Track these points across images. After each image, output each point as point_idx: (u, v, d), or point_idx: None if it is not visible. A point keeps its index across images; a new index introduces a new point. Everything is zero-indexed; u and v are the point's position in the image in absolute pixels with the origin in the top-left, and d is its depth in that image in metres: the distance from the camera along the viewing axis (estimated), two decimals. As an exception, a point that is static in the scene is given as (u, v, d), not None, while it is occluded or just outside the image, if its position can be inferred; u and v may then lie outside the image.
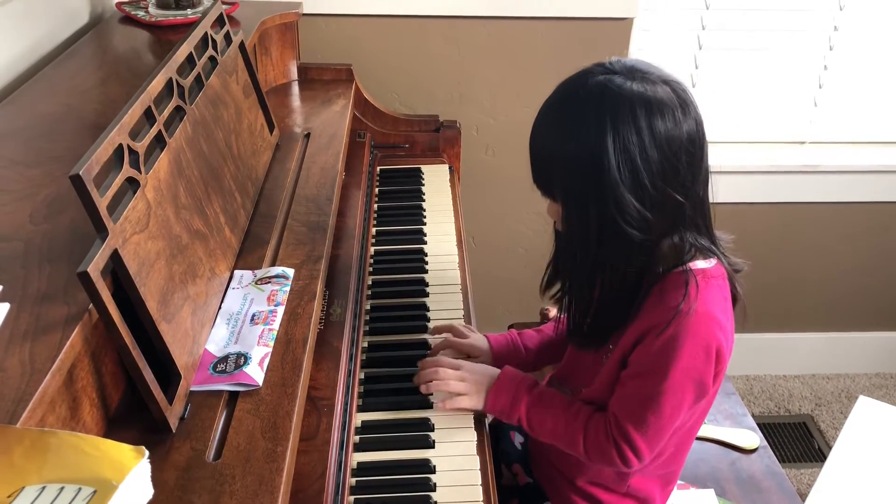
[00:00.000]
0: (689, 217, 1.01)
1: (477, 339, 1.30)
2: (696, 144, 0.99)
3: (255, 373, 0.93)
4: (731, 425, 1.53)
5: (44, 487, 0.58)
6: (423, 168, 1.86)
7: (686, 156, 0.97)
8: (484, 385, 1.16)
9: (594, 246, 1.00)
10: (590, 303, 1.08)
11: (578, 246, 1.02)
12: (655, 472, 1.19)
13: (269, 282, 1.08)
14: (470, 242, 2.27)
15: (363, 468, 1.08)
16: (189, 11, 1.69)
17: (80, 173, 0.76)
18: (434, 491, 1.06)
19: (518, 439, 1.37)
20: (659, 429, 1.04)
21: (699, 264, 1.03)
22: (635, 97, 0.95)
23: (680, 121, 0.96)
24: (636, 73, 0.98)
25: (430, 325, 1.36)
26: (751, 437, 1.49)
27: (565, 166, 0.98)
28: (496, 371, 1.18)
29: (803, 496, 1.57)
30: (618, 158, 0.94)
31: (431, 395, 1.20)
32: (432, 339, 1.32)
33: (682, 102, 0.98)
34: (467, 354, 1.28)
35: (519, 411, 1.13)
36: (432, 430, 1.15)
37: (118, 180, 0.85)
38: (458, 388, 1.16)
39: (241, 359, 0.94)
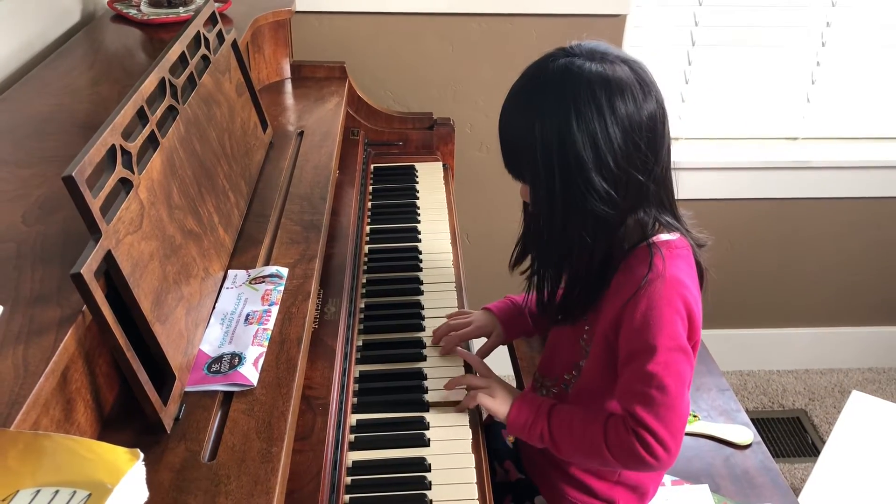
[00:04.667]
0: (652, 194, 1.04)
1: (478, 318, 1.33)
2: (656, 122, 1.01)
3: (250, 373, 0.93)
4: (724, 421, 1.53)
5: (38, 491, 0.58)
6: (417, 166, 1.86)
7: (648, 133, 1.00)
8: (508, 397, 1.17)
9: (560, 224, 1.03)
10: (558, 279, 1.12)
11: (546, 225, 1.05)
12: None
13: (263, 281, 1.08)
14: (464, 240, 2.27)
15: (358, 467, 1.09)
16: (181, 9, 1.68)
17: (73, 174, 0.76)
18: (429, 489, 1.06)
19: (509, 437, 1.38)
20: (669, 406, 1.02)
21: (663, 237, 1.06)
22: (594, 77, 0.98)
23: (640, 100, 0.99)
24: (596, 54, 1.01)
25: (425, 322, 1.36)
26: (744, 433, 1.50)
27: (532, 148, 1.00)
28: (517, 390, 1.20)
29: (797, 491, 1.59)
30: (582, 139, 0.97)
31: (426, 393, 1.20)
32: (427, 338, 1.32)
33: (641, 81, 1.00)
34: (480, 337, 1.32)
35: (541, 424, 1.12)
36: (427, 428, 1.15)
37: (111, 181, 0.85)
38: (483, 391, 1.17)
39: (236, 359, 0.94)
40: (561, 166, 0.99)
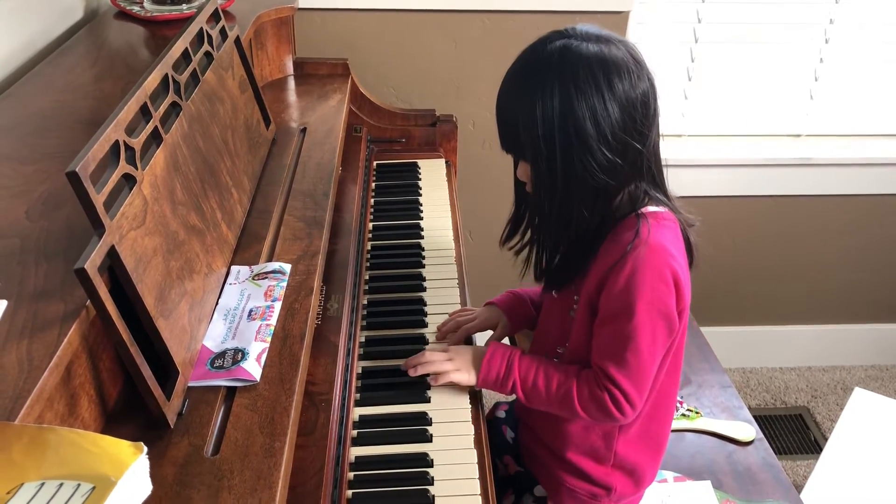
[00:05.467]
0: (646, 167, 1.08)
1: (483, 312, 1.36)
2: (649, 98, 1.05)
3: (253, 368, 0.93)
4: (727, 418, 1.53)
5: (42, 484, 0.59)
6: (420, 162, 1.86)
7: (642, 108, 1.04)
8: (472, 360, 1.19)
9: (562, 198, 1.07)
10: (556, 251, 1.16)
11: (548, 200, 1.08)
12: (641, 437, 1.21)
13: (266, 277, 1.08)
14: (467, 236, 2.27)
15: (361, 462, 1.09)
16: (184, 6, 1.68)
17: (77, 170, 0.76)
18: (432, 484, 1.06)
19: (509, 434, 1.39)
20: (640, 368, 1.08)
21: (650, 209, 1.10)
22: (592, 57, 1.02)
23: (634, 78, 1.04)
24: (591, 35, 1.05)
25: (428, 319, 1.36)
26: (747, 430, 1.50)
27: (534, 126, 1.03)
28: (483, 348, 1.22)
29: (799, 488, 1.58)
30: (582, 114, 1.01)
31: (429, 389, 1.21)
32: (429, 334, 1.33)
33: (636, 61, 1.05)
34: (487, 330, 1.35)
35: (514, 376, 1.16)
36: (430, 424, 1.15)
37: (114, 177, 0.85)
38: (447, 367, 1.19)
39: (239, 354, 0.94)
40: (562, 141, 1.02)
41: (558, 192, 1.06)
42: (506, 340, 1.41)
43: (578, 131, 1.01)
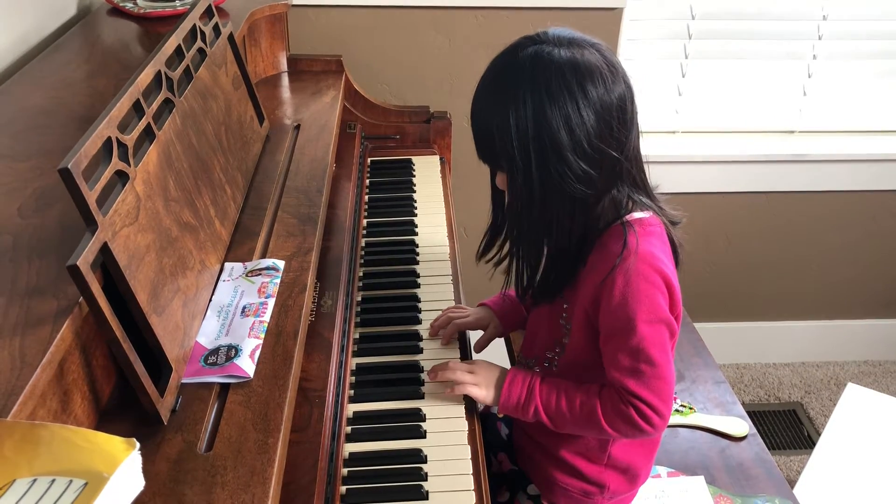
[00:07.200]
0: (626, 172, 1.07)
1: (476, 311, 1.36)
2: (626, 102, 1.04)
3: (246, 365, 0.93)
4: (720, 413, 1.54)
5: (35, 480, 0.59)
6: (414, 159, 1.86)
7: (618, 113, 1.02)
8: (494, 380, 1.18)
9: (539, 208, 1.05)
10: (538, 262, 1.14)
11: (526, 210, 1.07)
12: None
13: (260, 274, 1.08)
14: (461, 233, 2.27)
15: (355, 458, 1.09)
16: (178, 3, 1.68)
17: (69, 167, 0.76)
18: (426, 480, 1.06)
19: (504, 430, 1.39)
20: (658, 376, 1.06)
21: (636, 215, 1.09)
22: (565, 63, 1.00)
23: (609, 82, 1.01)
24: (563, 40, 1.03)
25: (422, 315, 1.36)
26: (740, 425, 1.50)
27: (508, 137, 1.02)
28: (505, 368, 1.20)
29: (792, 483, 1.59)
30: (556, 123, 1.00)
31: (423, 385, 1.21)
32: (423, 331, 1.33)
33: (609, 64, 1.03)
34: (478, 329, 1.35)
35: (535, 401, 1.14)
36: (424, 420, 1.15)
37: (107, 173, 0.85)
38: (466, 378, 1.18)
39: (232, 351, 0.94)
40: (537, 151, 1.01)
41: (535, 202, 1.05)
42: (501, 341, 1.42)
43: (553, 140, 1.00)
